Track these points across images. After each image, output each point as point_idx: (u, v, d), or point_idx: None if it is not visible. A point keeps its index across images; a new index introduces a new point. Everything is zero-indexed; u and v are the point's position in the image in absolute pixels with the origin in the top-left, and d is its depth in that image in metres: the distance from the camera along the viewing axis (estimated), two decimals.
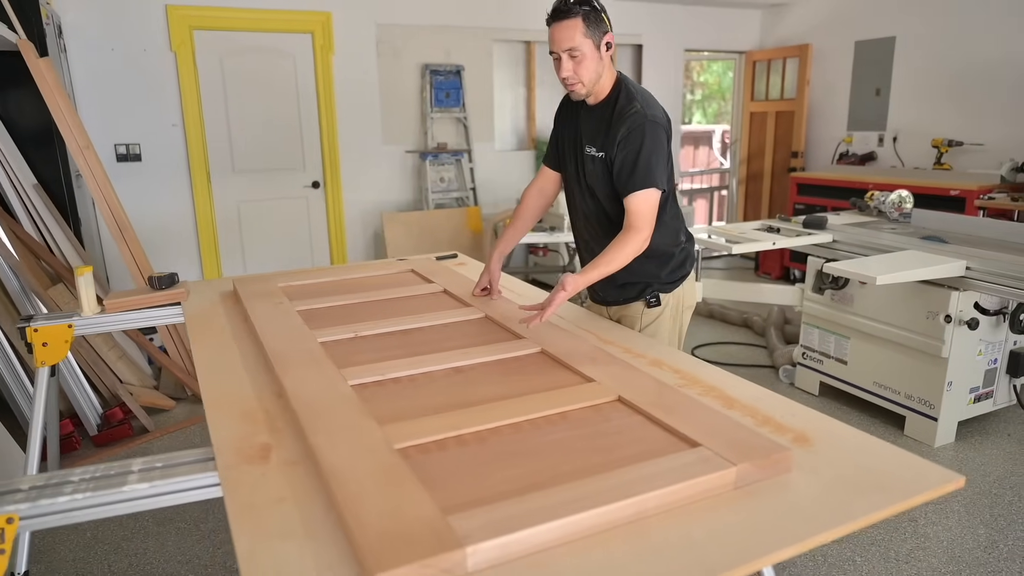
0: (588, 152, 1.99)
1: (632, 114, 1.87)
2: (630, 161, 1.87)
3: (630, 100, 1.90)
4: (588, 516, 1.02)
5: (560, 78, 1.91)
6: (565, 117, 2.12)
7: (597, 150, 1.96)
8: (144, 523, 2.59)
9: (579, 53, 1.85)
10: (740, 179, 7.34)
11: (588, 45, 1.84)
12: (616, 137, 1.88)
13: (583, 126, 2.01)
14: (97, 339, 3.44)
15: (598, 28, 1.85)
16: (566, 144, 2.10)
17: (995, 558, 2.36)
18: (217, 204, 5.06)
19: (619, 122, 1.88)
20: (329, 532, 1.04)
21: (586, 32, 1.83)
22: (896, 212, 4.02)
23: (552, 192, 2.25)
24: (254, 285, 2.38)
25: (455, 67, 5.66)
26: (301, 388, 1.48)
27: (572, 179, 2.11)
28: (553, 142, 2.19)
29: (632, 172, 1.87)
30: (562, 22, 1.83)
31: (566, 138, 2.10)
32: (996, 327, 3.12)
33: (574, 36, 1.83)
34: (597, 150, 1.96)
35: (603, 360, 1.65)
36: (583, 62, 1.86)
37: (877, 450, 1.28)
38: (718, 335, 4.72)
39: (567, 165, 2.12)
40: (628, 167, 1.88)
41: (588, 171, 2.01)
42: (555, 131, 2.18)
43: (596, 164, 1.97)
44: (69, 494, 1.20)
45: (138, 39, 4.60)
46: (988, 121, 5.20)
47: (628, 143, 1.86)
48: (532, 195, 2.25)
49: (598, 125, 1.96)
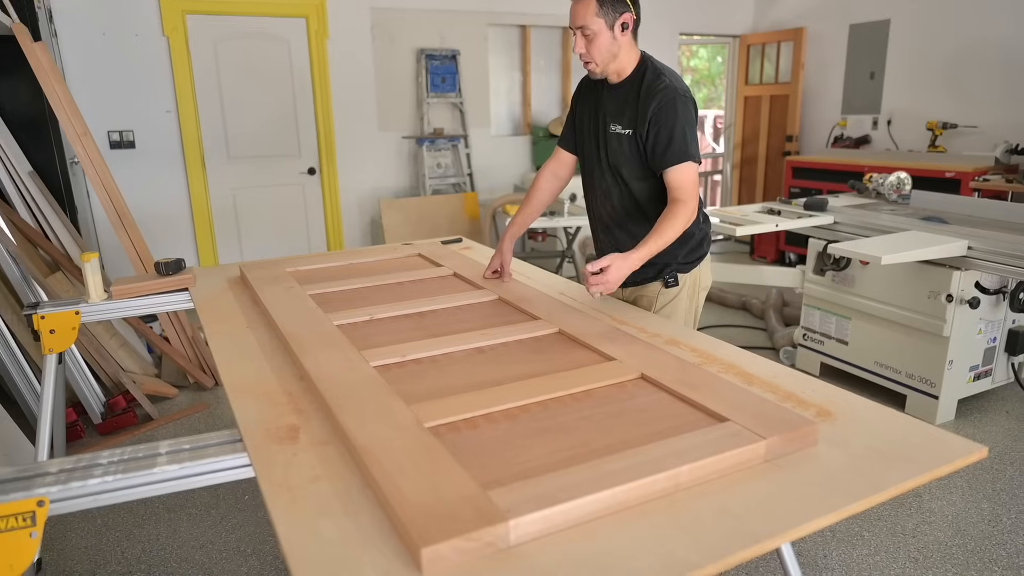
0: (613, 130, 1.98)
1: (662, 89, 1.86)
2: (665, 136, 1.86)
3: (658, 76, 1.90)
4: (626, 489, 1.03)
5: (575, 53, 1.92)
6: (585, 98, 2.10)
7: (623, 127, 1.95)
8: (155, 509, 2.59)
9: (590, 32, 1.85)
10: (735, 164, 7.36)
11: (600, 24, 1.84)
12: (647, 113, 1.87)
13: (606, 105, 2.00)
14: (98, 327, 3.42)
15: (613, 9, 1.83)
16: (586, 125, 2.09)
17: (999, 531, 2.40)
18: (212, 191, 5.02)
19: (649, 97, 1.87)
20: (367, 510, 1.04)
21: (599, 12, 1.83)
22: (895, 194, 4.04)
23: (566, 176, 2.24)
24: (262, 270, 2.37)
25: (451, 52, 5.63)
26: (324, 370, 1.48)
27: (592, 160, 2.09)
28: (570, 124, 2.17)
29: (668, 146, 1.87)
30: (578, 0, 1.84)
31: (586, 119, 2.09)
32: (996, 306, 3.15)
33: (586, 15, 1.83)
34: (623, 127, 1.95)
35: (621, 339, 1.66)
36: (594, 41, 1.86)
37: (899, 423, 1.30)
38: (717, 318, 4.75)
39: (586, 146, 2.10)
40: (664, 142, 1.87)
41: (612, 150, 1.99)
42: (572, 113, 2.16)
43: (622, 142, 1.96)
44: (100, 476, 1.20)
45: (130, 24, 4.54)
46: (982, 103, 5.23)
47: (661, 118, 1.86)
48: (545, 178, 2.24)
49: (623, 102, 1.95)
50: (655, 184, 1.97)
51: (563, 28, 6.22)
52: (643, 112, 1.88)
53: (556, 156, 2.23)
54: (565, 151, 2.20)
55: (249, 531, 2.47)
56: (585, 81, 2.11)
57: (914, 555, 2.29)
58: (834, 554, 2.30)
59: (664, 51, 6.59)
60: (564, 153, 2.21)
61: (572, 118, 2.16)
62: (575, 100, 2.16)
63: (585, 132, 2.10)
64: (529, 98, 6.17)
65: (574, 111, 2.15)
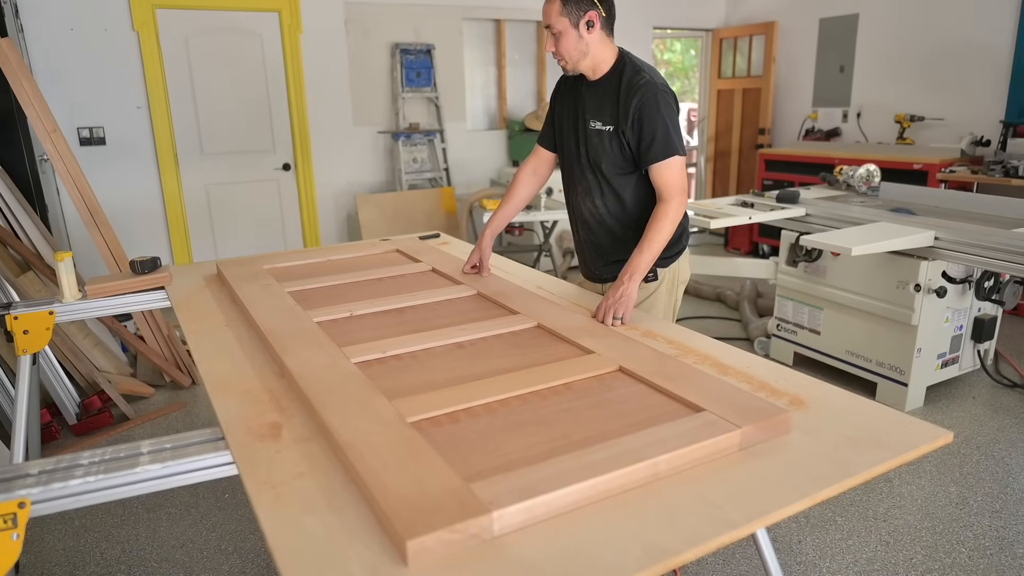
0: (593, 127, 1.99)
1: (643, 85, 1.88)
2: (649, 132, 1.88)
3: (638, 72, 1.91)
4: (606, 479, 1.05)
5: (547, 50, 1.96)
6: (563, 95, 2.12)
7: (603, 124, 1.96)
8: (134, 510, 2.57)
9: (556, 31, 1.88)
10: (708, 156, 7.43)
11: (564, 24, 1.87)
12: (629, 108, 1.89)
13: (586, 102, 2.01)
14: (71, 327, 3.38)
15: (577, 7, 1.85)
16: (565, 122, 2.10)
17: (966, 513, 2.48)
18: (186, 188, 4.96)
19: (630, 94, 1.89)
20: (352, 505, 1.05)
21: (562, 11, 1.85)
22: (865, 186, 4.12)
23: (546, 172, 2.26)
24: (239, 268, 2.36)
25: (425, 46, 5.61)
26: (305, 367, 1.49)
27: (572, 157, 2.10)
28: (550, 121, 2.18)
29: (653, 142, 1.89)
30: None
31: (565, 116, 2.10)
32: (962, 295, 3.24)
33: (551, 14, 1.87)
34: (603, 124, 1.96)
35: (599, 332, 1.69)
36: (561, 39, 1.90)
37: (868, 410, 1.34)
38: (692, 310, 4.81)
39: (565, 143, 2.11)
40: (648, 138, 1.89)
41: (592, 146, 2.00)
42: (552, 110, 2.17)
43: (603, 138, 1.97)
44: (81, 477, 1.19)
45: (99, 18, 4.46)
46: (948, 96, 5.35)
47: (644, 114, 1.88)
48: (525, 175, 2.25)
49: (602, 99, 1.97)
50: (636, 180, 1.99)
51: (537, 22, 6.22)
52: (625, 109, 1.90)
53: (536, 153, 2.24)
54: (544, 148, 2.22)
55: (230, 529, 2.46)
56: (564, 78, 2.12)
57: (885, 539, 2.35)
58: (808, 539, 2.36)
59: (638, 44, 6.63)
60: (543, 150, 2.22)
61: (551, 116, 2.17)
62: (554, 98, 2.16)
63: (564, 129, 2.11)
64: (504, 92, 6.18)
65: (553, 109, 2.16)
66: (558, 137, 2.15)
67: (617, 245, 2.08)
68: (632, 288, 1.83)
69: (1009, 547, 2.29)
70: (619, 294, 1.81)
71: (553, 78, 6.18)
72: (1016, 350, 3.90)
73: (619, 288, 1.82)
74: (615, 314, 1.79)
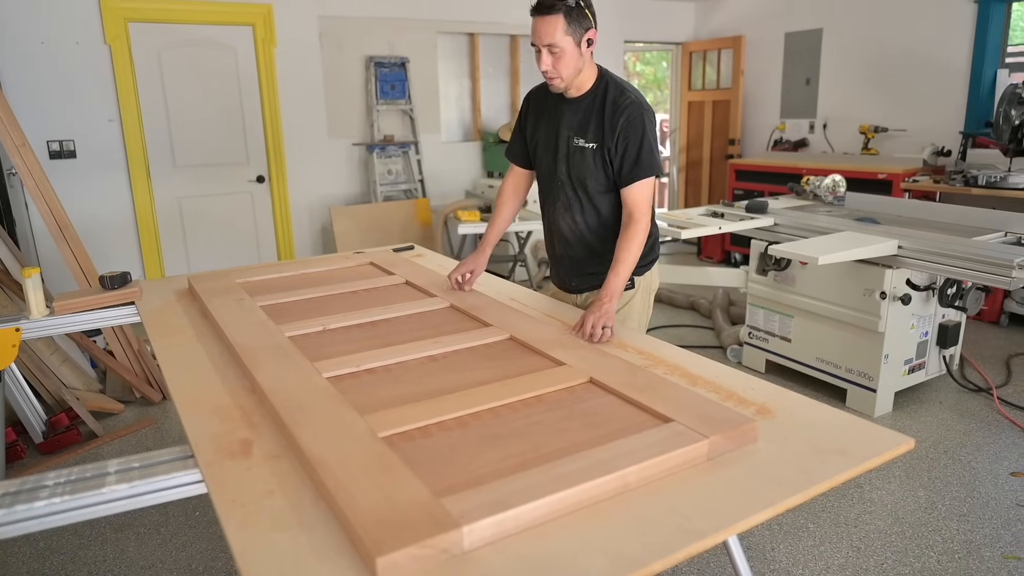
0: (577, 144, 1.99)
1: (629, 104, 1.90)
2: (633, 151, 1.90)
3: (622, 91, 1.92)
4: (576, 491, 1.06)
5: (540, 70, 1.91)
6: (538, 111, 2.10)
7: (587, 141, 1.96)
8: (101, 530, 2.53)
9: (558, 49, 1.84)
10: (680, 167, 7.52)
11: (568, 42, 1.84)
12: (616, 127, 1.90)
13: (568, 119, 2.00)
14: (39, 343, 3.32)
15: (580, 25, 1.84)
16: (542, 138, 2.08)
17: (935, 518, 2.52)
18: (158, 201, 4.91)
19: (617, 112, 1.90)
20: (322, 522, 1.05)
21: (567, 29, 1.82)
22: (831, 195, 4.20)
23: (525, 188, 2.27)
24: (211, 282, 2.34)
25: (400, 59, 5.63)
26: (276, 383, 1.48)
27: (550, 174, 2.09)
28: (520, 138, 2.17)
29: (636, 162, 1.90)
30: (544, 17, 1.82)
31: (542, 132, 2.08)
32: (926, 302, 3.31)
33: (554, 33, 1.82)
34: (587, 141, 1.96)
35: (571, 344, 1.70)
36: (562, 58, 1.86)
37: (833, 418, 1.37)
38: (666, 319, 4.85)
39: (543, 160, 2.10)
40: (632, 157, 1.90)
41: (576, 163, 1.99)
42: (523, 126, 2.15)
43: (586, 155, 1.97)
44: (46, 498, 1.18)
45: (70, 32, 4.41)
46: (909, 108, 5.48)
47: (630, 133, 1.89)
48: (508, 191, 2.25)
49: (586, 116, 1.96)
50: (616, 196, 2.00)
51: (511, 36, 6.27)
52: (611, 127, 1.91)
53: (512, 171, 2.25)
54: (518, 166, 2.22)
55: (200, 548, 2.43)
56: (536, 94, 2.12)
57: (856, 544, 2.39)
58: (781, 546, 2.38)
59: (610, 57, 6.71)
60: (517, 168, 2.23)
61: (522, 131, 2.16)
62: (524, 113, 2.15)
63: (541, 146, 2.09)
64: (479, 104, 6.21)
65: (523, 123, 2.15)
66: (534, 153, 2.14)
67: (594, 258, 2.09)
68: (613, 307, 1.83)
69: (976, 550, 2.34)
70: (601, 313, 1.79)
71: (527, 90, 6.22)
72: (980, 355, 3.99)
73: (601, 308, 1.81)
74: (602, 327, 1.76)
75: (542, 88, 2.11)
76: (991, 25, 4.91)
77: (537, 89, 2.14)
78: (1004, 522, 2.48)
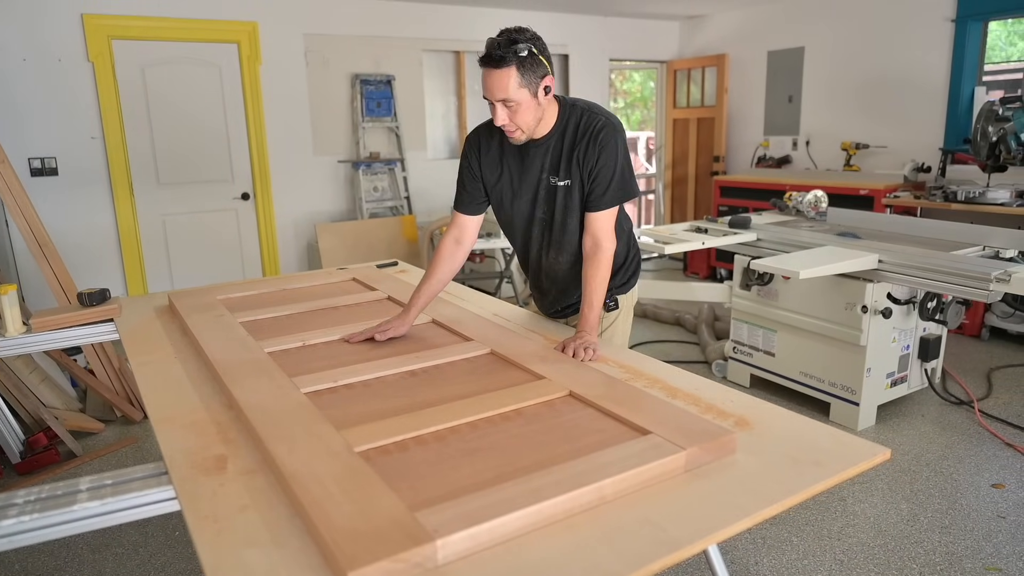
0: (556, 184, 1.88)
1: (601, 128, 1.80)
2: (606, 177, 1.81)
3: (591, 114, 1.83)
4: (551, 504, 1.06)
5: (496, 124, 1.79)
6: (494, 155, 1.94)
7: (561, 179, 1.86)
8: (78, 551, 2.48)
9: (513, 103, 1.71)
10: (666, 183, 7.58)
11: (524, 94, 1.71)
12: (594, 155, 1.81)
13: (539, 160, 1.88)
14: (17, 362, 3.28)
15: (535, 74, 1.70)
16: (506, 184, 1.94)
17: (917, 530, 2.53)
18: (141, 218, 4.89)
19: (589, 140, 1.81)
20: (296, 537, 1.04)
21: (521, 81, 1.69)
22: (813, 211, 4.25)
23: (470, 241, 2.02)
24: (191, 299, 2.33)
25: (385, 77, 5.65)
26: (253, 398, 1.47)
27: (524, 218, 1.97)
28: (471, 185, 1.97)
29: (608, 189, 1.82)
30: (495, 70, 1.68)
31: (505, 178, 1.94)
32: (907, 315, 3.34)
33: (507, 86, 1.68)
34: (561, 179, 1.86)
35: (552, 358, 1.70)
36: (519, 111, 1.73)
37: (811, 430, 1.37)
38: (652, 334, 4.86)
39: (513, 206, 1.96)
40: (603, 184, 1.82)
41: (559, 204, 1.90)
42: (475, 174, 1.96)
43: (568, 193, 1.88)
44: (15, 516, 1.16)
45: (52, 49, 4.41)
46: (890, 125, 5.56)
47: (604, 159, 1.80)
48: (448, 247, 1.99)
49: (557, 154, 1.86)
50: None
51: None
52: (581, 155, 1.82)
53: (457, 222, 2.00)
54: (467, 215, 1.99)
55: (180, 568, 2.39)
56: (484, 137, 1.95)
57: (839, 557, 2.38)
58: (764, 560, 2.38)
59: (595, 76, 6.78)
60: (464, 217, 1.99)
61: (471, 178, 1.96)
62: (472, 159, 1.96)
63: (507, 191, 1.95)
64: (465, 122, 6.24)
65: (476, 171, 1.96)
66: (498, 201, 1.98)
67: (579, 283, 1.99)
68: (595, 338, 1.79)
69: (958, 562, 2.34)
70: (583, 341, 1.75)
71: None
72: (962, 368, 4.03)
73: (583, 338, 1.76)
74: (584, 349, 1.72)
75: (487, 129, 1.94)
76: (968, 43, 5.01)
77: (480, 131, 1.97)
78: (985, 534, 2.49)
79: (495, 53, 1.66)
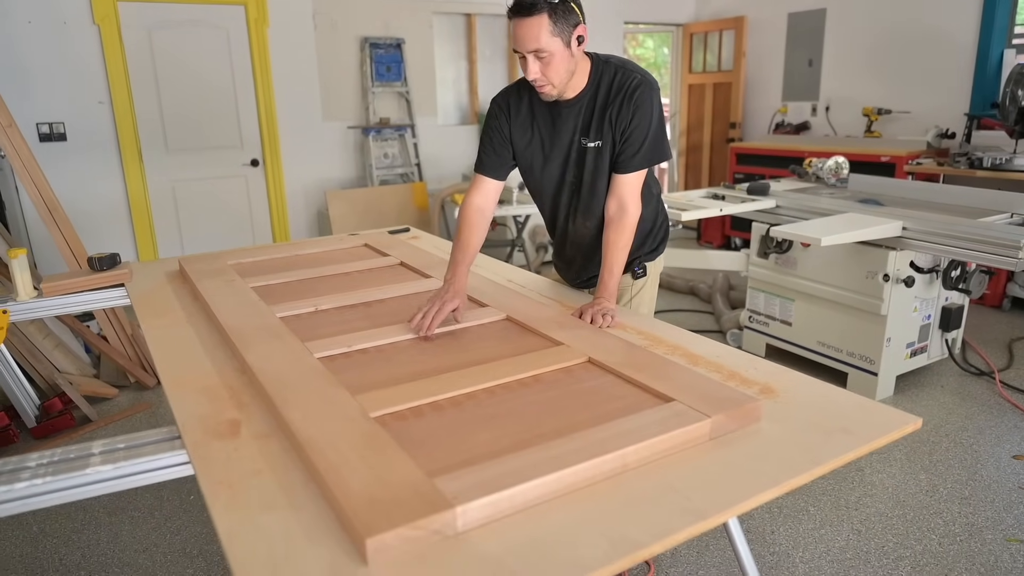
0: (590, 146, 1.79)
1: (638, 86, 1.71)
2: (639, 138, 1.73)
3: (626, 72, 1.74)
4: (573, 471, 1.03)
5: (528, 79, 1.69)
6: (523, 118, 1.85)
7: (593, 140, 1.78)
8: (95, 514, 2.50)
9: (546, 54, 1.62)
10: (680, 150, 7.46)
11: (557, 44, 1.61)
12: (628, 114, 1.72)
13: (571, 121, 1.80)
14: (30, 327, 3.28)
15: (567, 22, 1.61)
16: (536, 147, 1.85)
17: (936, 500, 2.50)
18: (151, 184, 4.85)
19: (624, 98, 1.72)
20: (312, 502, 1.02)
21: (553, 30, 1.59)
22: (833, 178, 4.15)
23: (491, 208, 1.91)
24: (202, 264, 2.30)
25: (395, 40, 5.55)
26: (266, 363, 1.44)
27: (554, 183, 1.89)
28: (498, 147, 1.86)
29: (639, 150, 1.74)
30: (525, 19, 1.59)
31: (535, 140, 1.85)
32: (930, 284, 3.27)
33: (539, 36, 1.59)
34: (593, 140, 1.78)
35: (569, 324, 1.66)
36: (551, 63, 1.64)
37: (838, 398, 1.34)
38: (666, 303, 4.81)
39: (543, 170, 1.88)
40: (636, 144, 1.74)
41: (588, 167, 1.81)
42: (502, 132, 1.86)
43: (596, 155, 1.80)
44: (28, 479, 1.14)
45: (57, 11, 4.34)
46: (914, 90, 5.41)
47: (639, 118, 1.72)
48: (475, 216, 1.87)
49: (589, 113, 1.77)
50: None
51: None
52: (624, 115, 1.73)
53: (479, 187, 1.88)
54: (491, 179, 1.88)
55: (195, 532, 2.40)
56: (512, 99, 1.85)
57: (857, 527, 2.36)
58: (781, 529, 2.36)
59: (609, 40, 6.63)
60: (488, 181, 1.88)
61: (501, 141, 1.86)
62: (502, 120, 1.86)
63: (537, 156, 1.86)
64: (476, 87, 6.13)
65: (505, 133, 1.86)
66: (528, 165, 1.90)
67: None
68: (613, 304, 1.75)
69: (978, 533, 2.31)
70: (601, 307, 1.71)
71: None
72: (983, 339, 3.96)
73: (600, 304, 1.72)
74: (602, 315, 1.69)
75: (516, 90, 1.86)
76: (999, 3, 4.84)
77: (510, 92, 1.87)
78: (1006, 505, 2.46)
79: (526, 0, 1.58)
